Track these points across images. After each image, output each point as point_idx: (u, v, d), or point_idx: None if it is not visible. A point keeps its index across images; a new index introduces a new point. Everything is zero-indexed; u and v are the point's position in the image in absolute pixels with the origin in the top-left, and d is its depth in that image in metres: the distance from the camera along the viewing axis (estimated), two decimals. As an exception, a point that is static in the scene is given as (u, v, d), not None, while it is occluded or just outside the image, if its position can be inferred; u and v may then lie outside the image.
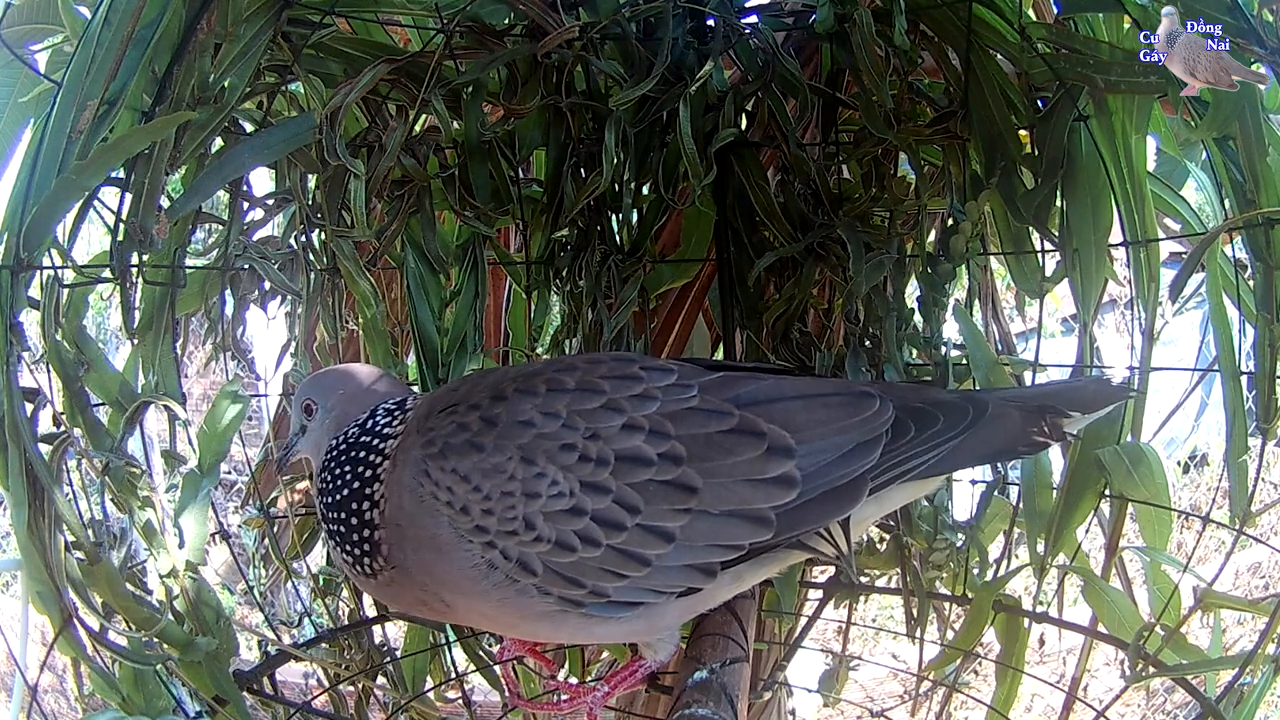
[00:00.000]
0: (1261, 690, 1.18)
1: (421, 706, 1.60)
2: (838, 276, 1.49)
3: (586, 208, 1.48)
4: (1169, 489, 1.34)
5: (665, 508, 0.98)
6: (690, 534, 0.99)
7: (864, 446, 1.02)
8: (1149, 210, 1.32)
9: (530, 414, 1.01)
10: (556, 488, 0.98)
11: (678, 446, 0.99)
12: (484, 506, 0.98)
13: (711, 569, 1.01)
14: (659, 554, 0.99)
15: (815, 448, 1.01)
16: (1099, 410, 1.14)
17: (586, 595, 1.00)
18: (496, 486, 0.98)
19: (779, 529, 1.00)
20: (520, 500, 0.98)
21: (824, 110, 1.51)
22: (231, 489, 4.64)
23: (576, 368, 1.06)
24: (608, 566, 0.99)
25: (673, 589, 1.02)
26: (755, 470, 1.00)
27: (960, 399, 1.08)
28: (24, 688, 1.62)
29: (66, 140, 1.10)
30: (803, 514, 1.00)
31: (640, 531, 0.98)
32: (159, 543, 1.23)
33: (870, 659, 2.89)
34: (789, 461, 1.00)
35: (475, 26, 1.40)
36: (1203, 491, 5.06)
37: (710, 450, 1.00)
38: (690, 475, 0.99)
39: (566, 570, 0.99)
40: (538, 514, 0.98)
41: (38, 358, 1.15)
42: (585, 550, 0.98)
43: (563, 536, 0.98)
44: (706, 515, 0.99)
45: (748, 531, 1.00)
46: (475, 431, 1.01)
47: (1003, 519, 1.47)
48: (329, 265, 1.45)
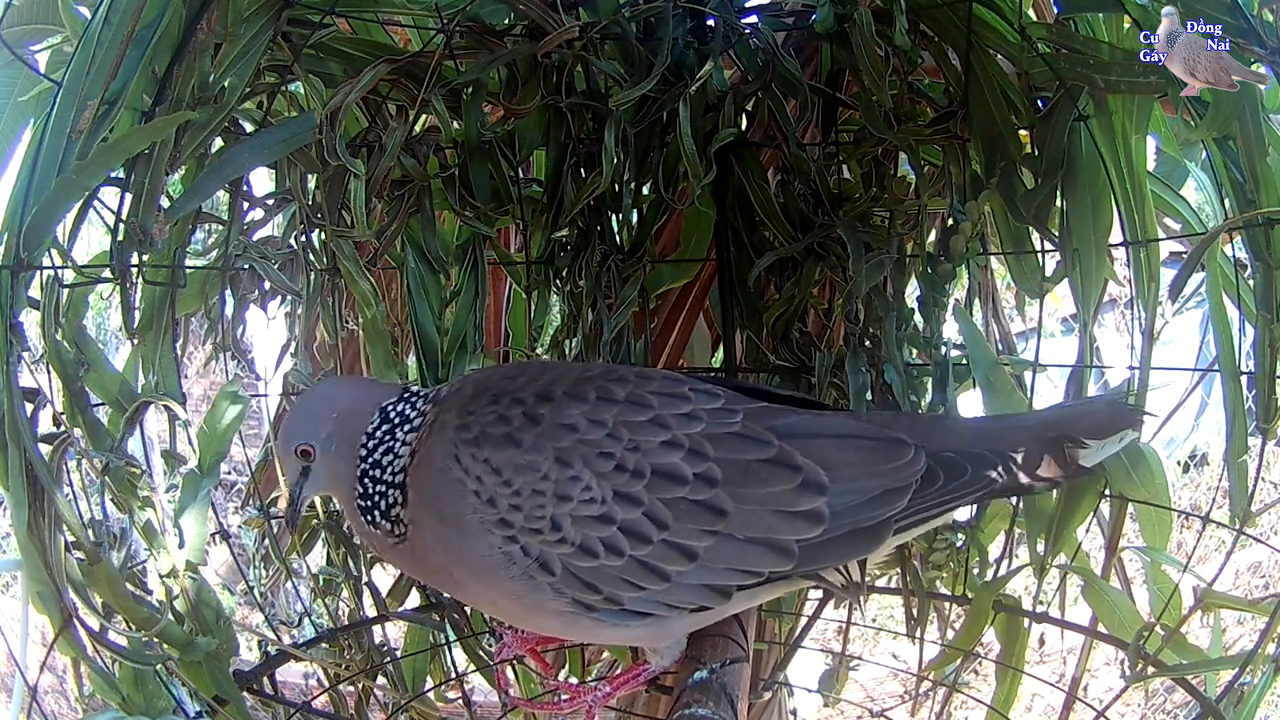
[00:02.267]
0: (1261, 690, 1.18)
1: (421, 706, 1.60)
2: (838, 276, 1.49)
3: (586, 208, 1.48)
4: (1169, 489, 1.34)
5: (693, 527, 0.99)
6: (713, 555, 0.99)
7: (893, 493, 1.02)
8: (1149, 210, 1.32)
9: (576, 419, 1.00)
10: (589, 493, 0.98)
11: (714, 469, 0.99)
12: (512, 502, 0.98)
13: (728, 591, 1.01)
14: (680, 570, 0.99)
15: (846, 488, 1.02)
16: (1114, 435, 1.13)
17: (601, 601, 1.00)
18: (528, 484, 0.98)
19: (800, 561, 1.00)
20: (551, 501, 0.98)
21: (824, 110, 1.51)
22: (231, 489, 4.64)
23: (628, 380, 1.06)
24: (627, 577, 0.99)
25: (686, 605, 1.02)
26: (786, 502, 1.00)
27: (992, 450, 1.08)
28: (24, 688, 1.62)
29: (66, 140, 1.10)
30: (825, 550, 1.01)
31: (665, 547, 0.98)
32: (159, 543, 1.23)
33: (870, 659, 2.89)
34: (820, 498, 1.00)
35: (475, 26, 1.40)
36: (1203, 491, 5.05)
37: (746, 477, 1.00)
38: (722, 498, 0.99)
39: (585, 575, 0.99)
40: (566, 516, 0.98)
41: (38, 358, 1.15)
42: (608, 558, 0.98)
43: (588, 542, 0.98)
44: (732, 539, 0.99)
45: (770, 560, 1.00)
46: (516, 426, 1.00)
47: (1003, 519, 1.46)
48: (329, 265, 1.45)
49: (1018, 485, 1.09)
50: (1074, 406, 1.31)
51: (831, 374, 1.44)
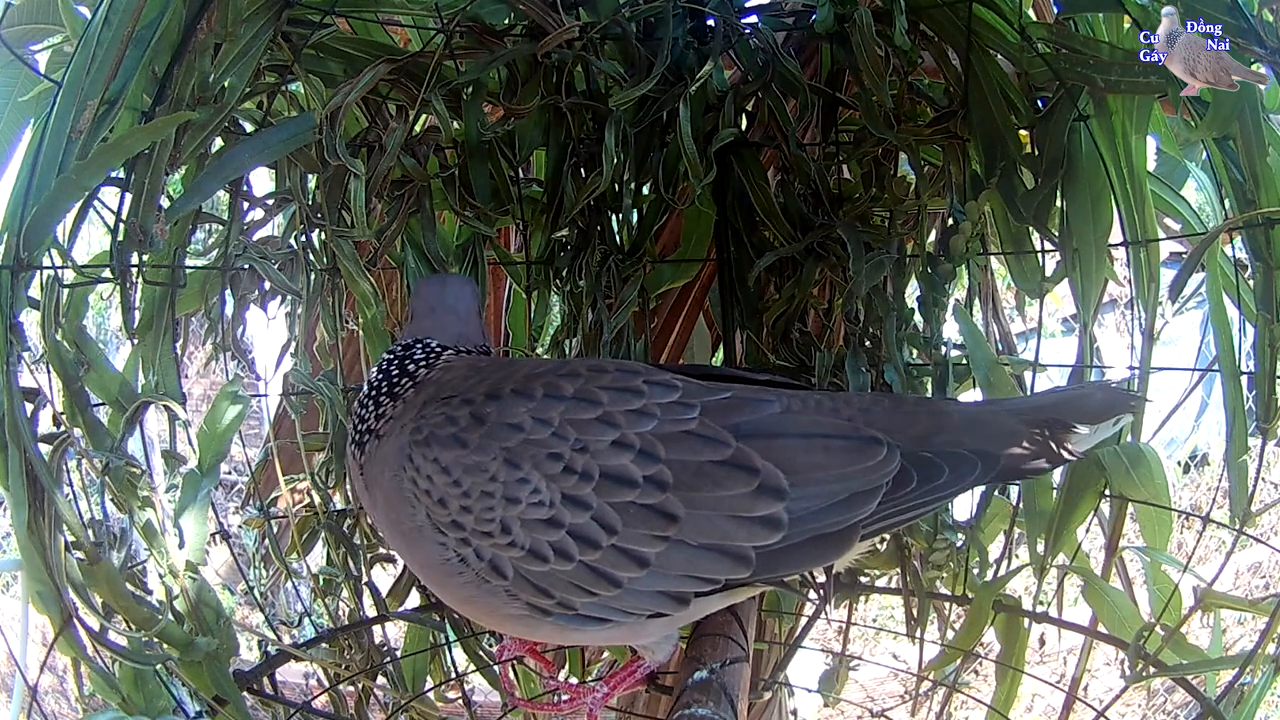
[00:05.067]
0: (1261, 690, 1.18)
1: (421, 706, 1.60)
2: (838, 276, 1.49)
3: (586, 208, 1.48)
4: (1169, 489, 1.33)
5: (643, 532, 0.96)
6: (665, 562, 0.97)
7: (861, 496, 0.98)
8: (1149, 210, 1.32)
9: (522, 418, 0.99)
10: (538, 496, 0.96)
11: (665, 471, 0.97)
12: (462, 503, 0.97)
13: (685, 598, 0.99)
14: (631, 577, 0.97)
15: (810, 492, 0.98)
16: (1107, 420, 1.09)
17: (554, 605, 0.99)
18: (477, 485, 0.97)
19: (758, 569, 0.97)
20: (500, 503, 0.97)
21: (824, 110, 1.51)
22: (231, 489, 4.65)
23: (579, 374, 1.04)
24: (578, 582, 0.97)
25: (642, 611, 1.00)
26: (742, 507, 0.97)
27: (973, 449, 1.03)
28: (24, 688, 1.62)
29: (66, 140, 1.10)
30: (785, 557, 0.98)
31: (614, 552, 0.96)
32: (159, 543, 1.23)
33: (870, 659, 2.89)
34: (779, 503, 0.97)
35: (475, 26, 1.40)
36: (1203, 491, 5.06)
37: (698, 480, 0.97)
38: (673, 503, 0.96)
39: (537, 579, 0.98)
40: (516, 519, 0.96)
41: (38, 358, 1.15)
42: (558, 562, 0.97)
43: (537, 546, 0.97)
44: (684, 545, 0.96)
45: (725, 567, 0.97)
46: (462, 427, 0.99)
47: (1003, 519, 1.46)
48: (329, 265, 1.45)
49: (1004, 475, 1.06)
50: (1069, 391, 1.29)
51: (831, 374, 1.44)
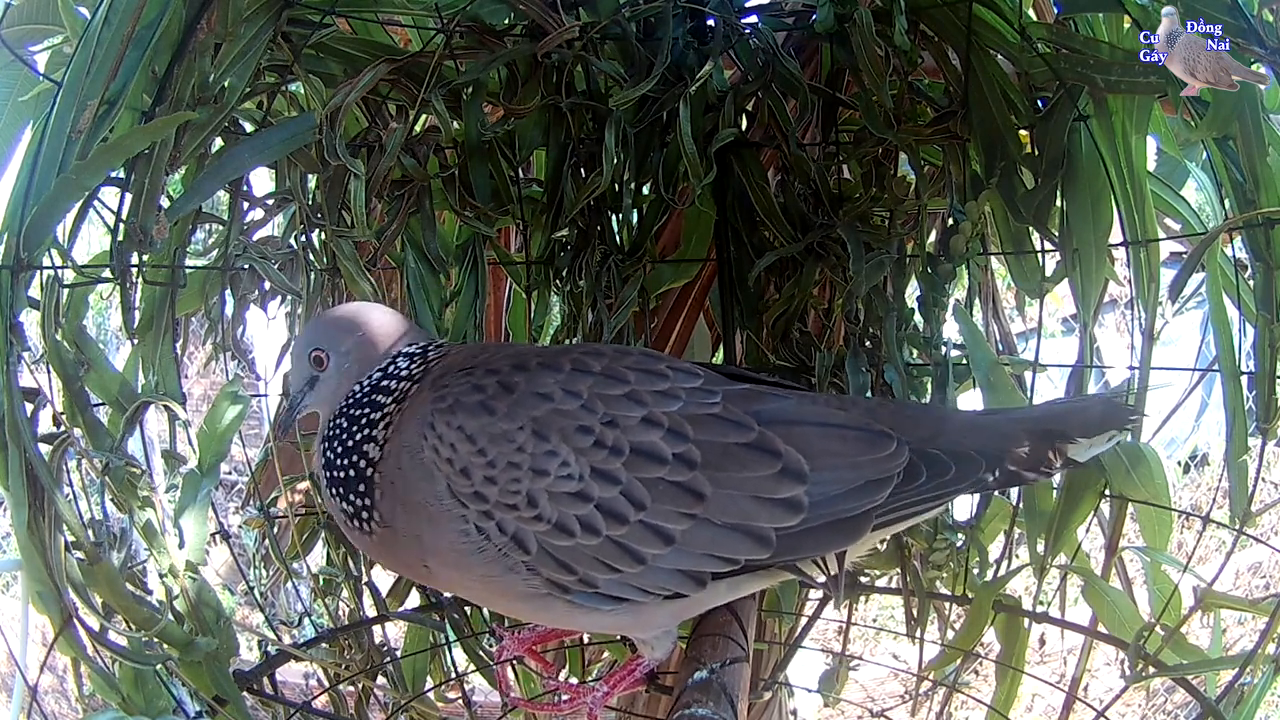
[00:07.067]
0: (1261, 690, 1.18)
1: (421, 706, 1.60)
2: (838, 276, 1.49)
3: (586, 208, 1.48)
4: (1169, 489, 1.34)
5: (670, 509, 0.97)
6: (690, 540, 0.98)
7: (874, 484, 1.01)
8: (1149, 210, 1.32)
9: (551, 388, 0.99)
10: (567, 469, 0.96)
11: (694, 450, 0.98)
12: (487, 473, 0.96)
13: (702, 578, 1.00)
14: (655, 554, 0.98)
15: (827, 477, 1.00)
16: (1105, 433, 1.11)
17: (575, 582, 0.99)
18: (503, 455, 0.96)
19: (778, 550, 0.99)
20: (527, 475, 0.96)
21: (824, 110, 1.51)
22: (232, 489, 4.64)
23: (604, 354, 1.04)
24: (602, 558, 0.98)
25: (661, 591, 1.01)
26: (765, 489, 0.98)
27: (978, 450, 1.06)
28: (24, 688, 1.62)
29: (66, 140, 1.10)
30: (804, 539, 0.99)
31: (641, 528, 0.97)
32: (159, 543, 1.23)
33: (870, 659, 2.89)
34: (800, 486, 0.99)
35: (475, 26, 1.40)
36: (1203, 491, 5.06)
37: (725, 460, 0.99)
38: (701, 481, 0.97)
39: (560, 554, 0.98)
40: (542, 492, 0.96)
41: (38, 358, 1.15)
42: (584, 537, 0.97)
43: (564, 519, 0.97)
44: (709, 524, 0.98)
45: (747, 548, 0.99)
46: (490, 394, 0.99)
47: (1003, 519, 1.47)
48: (329, 265, 1.45)
49: (1004, 481, 1.08)
50: (1069, 403, 1.30)
51: (831, 374, 1.44)
